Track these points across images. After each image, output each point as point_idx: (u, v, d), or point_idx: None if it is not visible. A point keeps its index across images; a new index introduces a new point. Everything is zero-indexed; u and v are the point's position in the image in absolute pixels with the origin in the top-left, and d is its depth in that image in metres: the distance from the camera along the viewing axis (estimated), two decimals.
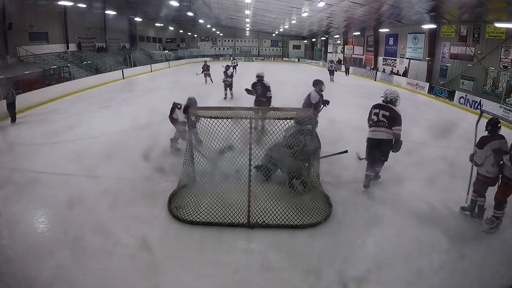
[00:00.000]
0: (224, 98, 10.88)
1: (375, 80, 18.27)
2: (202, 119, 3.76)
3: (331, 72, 17.72)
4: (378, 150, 4.11)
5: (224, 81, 10.90)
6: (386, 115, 4.04)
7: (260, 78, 6.72)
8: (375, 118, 4.12)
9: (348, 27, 23.17)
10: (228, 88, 10.90)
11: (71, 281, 2.65)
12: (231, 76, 10.93)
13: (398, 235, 3.36)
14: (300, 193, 3.96)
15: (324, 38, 30.12)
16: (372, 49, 20.96)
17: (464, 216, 3.73)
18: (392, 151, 4.17)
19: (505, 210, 3.40)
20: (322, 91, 5.48)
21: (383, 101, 4.21)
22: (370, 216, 3.72)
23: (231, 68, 16.45)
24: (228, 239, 3.25)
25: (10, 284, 2.67)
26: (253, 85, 6.76)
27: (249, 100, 6.87)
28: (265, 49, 38.87)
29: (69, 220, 3.51)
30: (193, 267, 2.85)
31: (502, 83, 11.14)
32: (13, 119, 8.08)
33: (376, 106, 4.19)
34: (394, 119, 4.01)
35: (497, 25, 10.79)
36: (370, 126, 4.19)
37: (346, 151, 4.51)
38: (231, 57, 27.00)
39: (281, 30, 33.21)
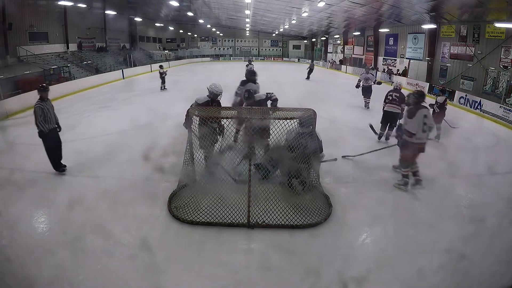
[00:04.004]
0: None
1: (374, 81, 18.21)
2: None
3: (367, 92, 9.42)
4: (390, 119, 6.24)
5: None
6: (397, 95, 6.25)
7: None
8: (390, 97, 6.29)
9: (348, 27, 23.16)
10: None
11: (71, 281, 2.64)
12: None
13: (398, 235, 3.37)
14: (299, 193, 3.97)
15: (324, 38, 30.11)
16: (372, 49, 20.97)
17: (464, 216, 3.73)
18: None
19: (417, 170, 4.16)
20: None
21: (394, 87, 6.49)
22: (370, 216, 3.72)
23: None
24: (228, 239, 3.25)
25: (10, 284, 2.66)
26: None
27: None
28: (265, 49, 38.84)
29: (69, 220, 3.51)
30: (193, 267, 2.85)
31: (502, 83, 11.14)
32: None
33: (391, 91, 6.40)
34: (402, 98, 6.08)
35: (497, 25, 10.78)
36: (386, 103, 6.30)
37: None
38: (247, 59, 18.54)
39: (281, 30, 33.20)
